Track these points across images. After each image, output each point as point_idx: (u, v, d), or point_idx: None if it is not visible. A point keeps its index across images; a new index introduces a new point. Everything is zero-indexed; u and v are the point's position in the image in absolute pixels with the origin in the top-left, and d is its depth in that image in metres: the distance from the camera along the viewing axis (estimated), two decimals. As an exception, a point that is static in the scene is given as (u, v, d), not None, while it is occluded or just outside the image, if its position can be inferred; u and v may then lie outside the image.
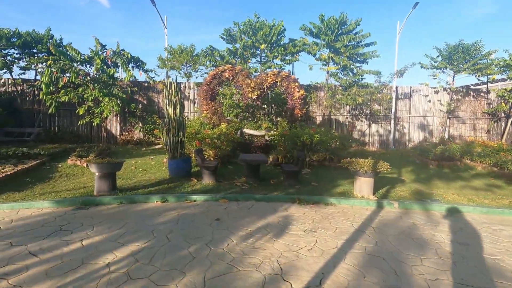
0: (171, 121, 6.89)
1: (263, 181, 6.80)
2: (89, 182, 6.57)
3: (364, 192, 5.46)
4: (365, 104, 13.74)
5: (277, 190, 6.00)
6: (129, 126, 13.92)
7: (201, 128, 9.14)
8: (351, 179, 7.15)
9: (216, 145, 8.47)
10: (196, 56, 13.18)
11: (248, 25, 12.54)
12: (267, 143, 10.19)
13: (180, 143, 7.01)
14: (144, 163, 8.95)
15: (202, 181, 6.59)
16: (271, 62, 12.80)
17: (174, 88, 6.97)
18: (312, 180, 6.99)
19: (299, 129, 9.08)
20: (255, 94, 10.34)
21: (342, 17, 12.75)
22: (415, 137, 14.55)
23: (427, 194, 5.99)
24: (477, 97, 14.37)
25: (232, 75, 10.43)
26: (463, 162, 8.90)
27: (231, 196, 5.37)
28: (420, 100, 14.43)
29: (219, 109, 10.46)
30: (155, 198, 5.25)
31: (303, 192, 5.90)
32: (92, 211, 4.70)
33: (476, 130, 14.42)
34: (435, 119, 14.41)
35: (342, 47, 13.04)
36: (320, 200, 5.25)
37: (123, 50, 12.22)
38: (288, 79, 10.37)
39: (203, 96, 10.37)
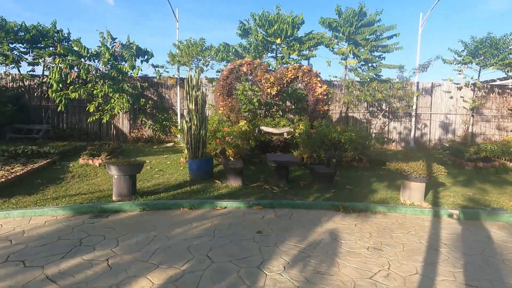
0: (192, 117, 6.27)
1: (293, 184, 6.18)
2: (104, 184, 5.98)
3: (415, 199, 4.83)
4: (385, 101, 13.04)
5: (312, 195, 5.37)
6: (139, 124, 13.34)
7: (219, 125, 8.51)
8: (387, 182, 6.53)
9: (236, 144, 7.85)
10: (206, 51, 12.52)
11: (264, 18, 11.84)
12: (286, 141, 9.57)
13: (202, 142, 6.39)
14: (159, 163, 8.36)
15: (227, 183, 5.98)
16: (288, 58, 12.11)
17: (196, 81, 6.34)
18: (345, 183, 6.36)
19: (324, 126, 8.43)
20: (274, 90, 9.68)
21: (360, 7, 12.01)
22: (436, 135, 13.85)
23: (481, 201, 5.34)
24: (502, 93, 13.62)
25: (251, 69, 9.77)
26: (501, 162, 8.23)
27: (266, 203, 4.75)
28: (442, 97, 13.71)
29: (237, 106, 9.82)
30: (181, 204, 4.65)
31: (340, 198, 5.28)
32: (113, 220, 4.10)
33: (501, 129, 13.70)
34: (457, 116, 13.70)
35: (362, 40, 12.32)
36: (367, 208, 4.63)
37: (133, 43, 11.58)
38: (310, 74, 9.70)
39: (219, 92, 9.73)
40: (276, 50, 12.67)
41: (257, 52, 12.21)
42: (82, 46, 10.86)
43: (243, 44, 12.03)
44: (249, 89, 11.89)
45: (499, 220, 4.30)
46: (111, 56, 11.30)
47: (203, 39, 12.32)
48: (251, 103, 11.49)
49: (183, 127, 6.30)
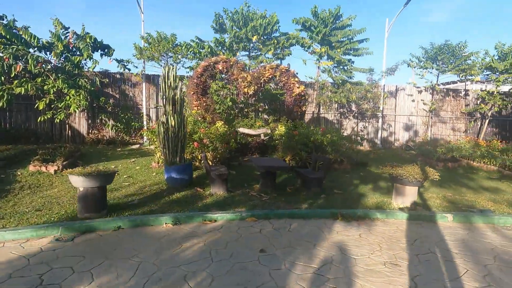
0: (169, 118, 5.58)
1: (280, 189, 5.81)
2: (63, 196, 5.05)
3: (408, 203, 4.73)
4: (355, 102, 13.32)
5: (304, 202, 5.04)
6: (99, 124, 12.05)
7: (195, 126, 7.85)
8: (372, 184, 6.46)
9: (215, 147, 7.28)
10: (178, 47, 11.68)
11: (239, 14, 11.34)
12: (264, 143, 9.20)
13: (181, 146, 5.73)
14: (127, 168, 7.47)
15: (211, 191, 5.41)
16: (263, 56, 11.75)
17: (173, 78, 5.66)
18: (332, 186, 6.14)
19: (305, 128, 8.20)
20: (251, 89, 9.25)
21: (337, 10, 12.08)
22: (400, 135, 14.50)
23: (463, 202, 5.44)
24: (456, 97, 14.69)
25: (226, 67, 9.22)
26: (466, 162, 8.70)
27: (260, 213, 4.30)
28: (405, 99, 14.39)
29: (212, 105, 9.20)
30: (164, 220, 4.00)
31: (332, 203, 5.02)
32: (81, 244, 3.34)
33: (455, 130, 14.77)
34: (418, 118, 14.48)
35: (336, 42, 12.41)
36: (365, 215, 4.40)
37: (88, 34, 10.32)
38: (288, 74, 9.44)
39: (193, 91, 9.04)
40: (250, 48, 12.24)
41: (232, 50, 11.67)
42: (30, 35, 9.39)
43: (217, 38, 11.39)
44: (223, 88, 11.33)
45: (489, 222, 4.34)
46: (65, 48, 9.96)
47: (175, 35, 11.44)
48: (224, 103, 10.94)
49: (159, 129, 5.58)
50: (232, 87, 10.79)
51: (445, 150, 9.00)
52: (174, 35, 11.65)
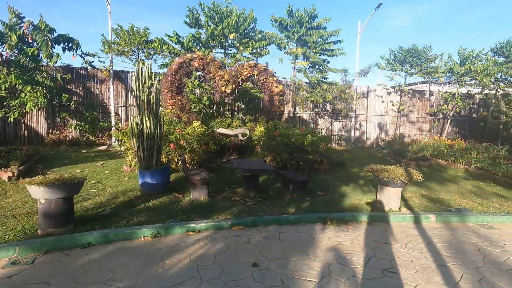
0: (144, 118, 5.11)
1: (263, 192, 5.58)
2: (20, 207, 4.41)
3: (393, 204, 4.72)
4: (330, 102, 13.49)
5: (289, 206, 4.86)
6: (61, 123, 11.03)
7: (171, 127, 7.37)
8: (353, 185, 6.46)
9: (192, 149, 6.88)
10: (151, 42, 11.00)
11: (215, 10, 10.90)
12: (242, 143, 8.93)
13: (157, 148, 5.28)
14: (95, 173, 6.82)
15: (191, 196, 5.04)
16: (240, 55, 11.43)
17: (148, 75, 5.19)
18: (315, 188, 6.02)
19: (285, 128, 8.05)
20: (229, 88, 8.91)
21: (313, 10, 12.06)
22: (371, 135, 14.95)
23: (439, 200, 5.59)
24: (421, 98, 15.45)
25: (203, 64, 8.80)
26: (436, 161, 9.10)
27: (247, 221, 4.02)
28: (376, 100, 14.85)
29: (188, 104, 8.73)
30: (142, 232, 3.59)
31: (318, 206, 4.89)
32: (44, 266, 2.85)
33: (421, 130, 15.54)
34: (388, 118, 15.02)
35: (312, 42, 12.42)
36: (353, 218, 4.31)
37: (47, 26, 9.34)
38: (266, 73, 9.22)
39: (167, 88, 8.50)
40: (225, 46, 11.85)
41: (208, 46, 11.21)
42: (-23, 23, 8.28)
43: (193, 34, 10.87)
44: (198, 86, 10.86)
45: (469, 222, 4.45)
46: (19, 40, 8.92)
47: (148, 29, 10.75)
48: (201, 101, 10.50)
49: (132, 131, 5.08)
50: (209, 86, 10.36)
51: (416, 149, 9.34)
52: (147, 29, 10.95)
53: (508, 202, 5.59)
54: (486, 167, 7.52)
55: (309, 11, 12.00)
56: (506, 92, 14.81)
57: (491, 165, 7.50)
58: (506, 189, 6.54)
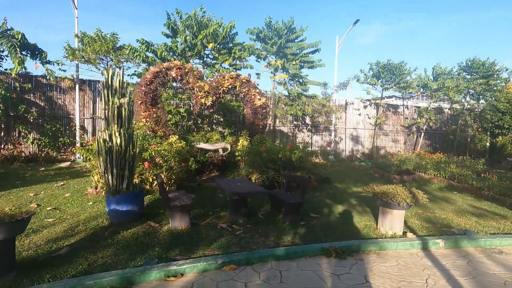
0: (113, 134, 4.29)
1: (252, 216, 4.91)
2: None
3: (396, 228, 4.27)
4: (309, 115, 13.25)
5: (284, 233, 4.23)
6: (16, 137, 9.69)
7: (145, 142, 6.53)
8: (347, 205, 5.98)
9: (169, 167, 6.08)
10: (122, 49, 10.11)
11: (193, 19, 10.30)
12: (224, 159, 8.25)
13: (129, 169, 4.45)
14: (52, 196, 5.79)
15: (170, 226, 4.24)
16: (220, 66, 10.85)
17: (120, 84, 4.41)
18: (306, 209, 5.45)
19: (270, 143, 7.49)
20: (209, 100, 8.24)
21: (291, 22, 11.87)
22: (349, 147, 14.88)
23: (438, 220, 5.25)
24: (396, 112, 15.75)
25: (181, 74, 8.08)
26: (418, 175, 8.97)
27: (240, 258, 3.32)
28: (354, 113, 14.88)
29: (164, 117, 7.92)
30: (108, 282, 2.77)
31: (315, 232, 4.32)
32: None
33: (395, 142, 15.76)
34: (365, 131, 15.07)
35: (290, 54, 12.17)
36: (358, 248, 3.77)
37: (12, 29, 8.25)
38: (249, 85, 8.70)
39: (140, 100, 7.66)
40: (203, 57, 11.22)
41: (185, 56, 10.52)
42: None
43: (169, 44, 10.15)
44: (173, 97, 10.09)
45: (478, 246, 4.09)
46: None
47: (116, 34, 9.87)
48: (178, 114, 9.72)
49: (99, 148, 4.24)
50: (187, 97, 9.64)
51: (398, 163, 9.20)
52: (116, 35, 10.06)
53: (504, 220, 5.38)
54: (470, 181, 7.43)
55: (288, 23, 11.80)
56: (471, 107, 15.51)
57: (475, 180, 7.42)
58: (495, 205, 6.41)
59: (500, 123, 14.17)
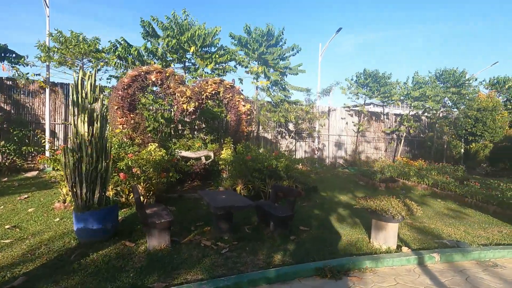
0: (83, 144, 3.81)
1: (237, 231, 4.55)
2: None
3: (390, 242, 4.05)
4: (293, 122, 13.11)
5: (274, 250, 3.90)
6: (-24, 144, 8.80)
7: (120, 150, 6.01)
8: (336, 215, 5.75)
9: (148, 177, 5.60)
10: (100, 52, 9.49)
11: (174, 21, 9.88)
12: (206, 167, 7.83)
13: (102, 183, 3.97)
14: (13, 212, 5.15)
15: (148, 245, 3.79)
16: (202, 71, 10.46)
17: (92, 87, 3.94)
18: (296, 220, 5.17)
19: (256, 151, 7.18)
20: (191, 106, 7.83)
21: (268, 28, 11.72)
22: (332, 154, 14.86)
23: (426, 230, 5.13)
24: (378, 120, 15.97)
25: (161, 79, 7.63)
26: (403, 182, 8.97)
27: (228, 284, 2.95)
28: (337, 120, 14.92)
29: (143, 124, 7.41)
30: (69, 323, 2.30)
31: (306, 248, 4.03)
32: None
33: (377, 149, 15.95)
34: (348, 138, 15.13)
35: (272, 60, 11.98)
36: (353, 266, 3.50)
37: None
38: (233, 90, 8.37)
39: (117, 105, 7.13)
40: (184, 61, 10.79)
41: (165, 60, 10.05)
42: None
43: (147, 47, 9.64)
44: (153, 102, 9.58)
45: (473, 258, 3.95)
46: None
47: (98, 38, 9.28)
48: (156, 120, 9.22)
49: (66, 160, 3.73)
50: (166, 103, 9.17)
51: (381, 170, 9.17)
52: (97, 39, 9.45)
53: (490, 227, 5.35)
54: (453, 188, 7.47)
55: (265, 30, 11.66)
56: (447, 115, 16.03)
57: (458, 187, 7.47)
58: (480, 212, 6.42)
59: (473, 131, 14.69)
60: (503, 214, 6.08)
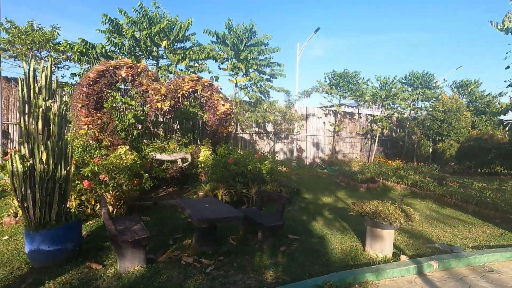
0: (36, 148, 3.13)
1: (222, 244, 4.08)
2: None
3: (387, 250, 3.82)
4: (272, 122, 12.81)
5: (264, 265, 3.49)
6: None
7: (85, 154, 5.27)
8: (323, 221, 5.47)
9: (118, 184, 4.94)
10: (59, 45, 8.48)
11: (142, 13, 9.11)
12: (183, 171, 7.25)
13: (60, 194, 3.30)
14: (-51, 230, 4.25)
15: (118, 267, 3.21)
16: (174, 67, 9.78)
17: (47, 80, 3.26)
18: (284, 228, 4.80)
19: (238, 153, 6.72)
20: (166, 104, 7.19)
21: (251, 25, 11.30)
22: (310, 154, 14.79)
23: (415, 233, 5.00)
24: (352, 120, 16.17)
25: (132, 74, 6.91)
26: (383, 182, 8.97)
27: (217, 313, 2.48)
28: (314, 121, 14.86)
29: (112, 124, 6.65)
30: None
31: (299, 260, 3.68)
32: None
33: (353, 148, 16.14)
34: (325, 138, 15.14)
35: (251, 59, 11.58)
36: (353, 280, 3.19)
37: None
38: (211, 88, 7.84)
39: (81, 103, 6.32)
40: (157, 56, 10.05)
41: (135, 55, 9.25)
42: None
43: (115, 41, 8.79)
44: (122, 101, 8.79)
45: (468, 264, 3.81)
46: None
47: (57, 28, 8.28)
48: (124, 120, 8.46)
49: (14, 169, 3.04)
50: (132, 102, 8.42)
51: (361, 170, 9.13)
52: (56, 28, 8.43)
53: (474, 228, 5.35)
54: (432, 188, 7.54)
55: (248, 26, 11.23)
56: (415, 115, 16.64)
57: (436, 187, 7.55)
58: (460, 212, 6.47)
59: (439, 131, 15.34)
60: (482, 214, 6.17)
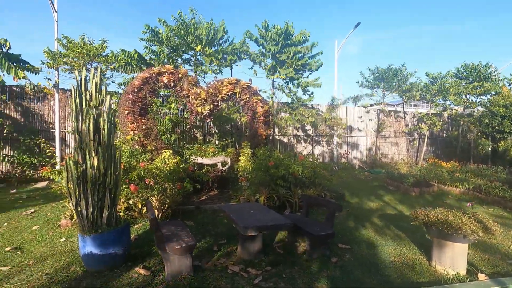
0: (87, 153, 3.19)
1: (268, 252, 3.84)
2: None
3: (460, 266, 3.28)
4: (311, 125, 12.35)
5: (315, 277, 3.18)
6: (-15, 154, 8.40)
7: (132, 159, 5.41)
8: (372, 227, 4.97)
9: (162, 189, 4.97)
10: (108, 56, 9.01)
11: (180, 21, 9.33)
12: (223, 175, 7.18)
13: (111, 198, 3.33)
14: (17, 230, 4.59)
15: (166, 274, 3.13)
16: (208, 67, 9.86)
17: (97, 88, 3.33)
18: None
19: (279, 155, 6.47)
20: (206, 108, 7.21)
21: (286, 27, 11.01)
22: (352, 156, 14.01)
23: (488, 247, 4.30)
24: (397, 118, 15.03)
25: (173, 80, 7.04)
26: (438, 186, 8.08)
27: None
28: (355, 121, 14.08)
29: (155, 129, 6.82)
30: None
31: (353, 273, 3.30)
32: None
33: (399, 149, 14.99)
34: (367, 138, 14.26)
35: (288, 59, 11.27)
36: (423, 301, 2.75)
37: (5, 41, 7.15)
38: (250, 91, 7.71)
39: (127, 109, 6.56)
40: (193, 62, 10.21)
41: (173, 61, 9.50)
42: None
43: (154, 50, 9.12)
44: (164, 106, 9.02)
45: None
46: None
47: (106, 41, 8.81)
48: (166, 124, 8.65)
49: (69, 173, 3.12)
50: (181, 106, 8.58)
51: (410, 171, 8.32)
52: (105, 41, 8.97)
53: None
54: (502, 193, 6.56)
55: (283, 28, 10.95)
56: (471, 112, 14.96)
57: (506, 192, 6.56)
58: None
59: (500, 128, 13.57)
60: None
